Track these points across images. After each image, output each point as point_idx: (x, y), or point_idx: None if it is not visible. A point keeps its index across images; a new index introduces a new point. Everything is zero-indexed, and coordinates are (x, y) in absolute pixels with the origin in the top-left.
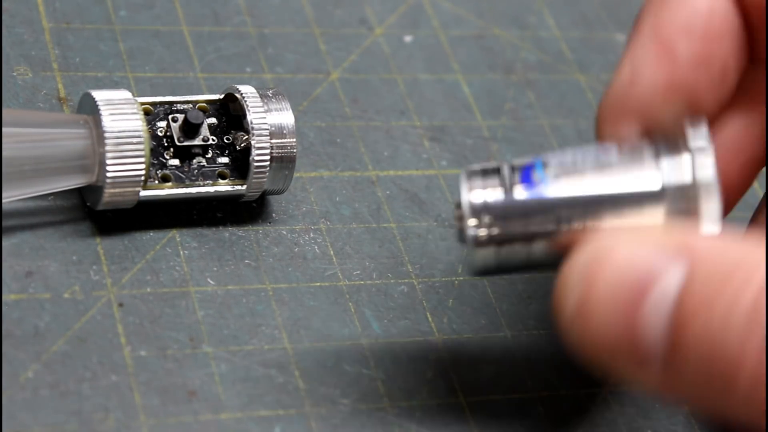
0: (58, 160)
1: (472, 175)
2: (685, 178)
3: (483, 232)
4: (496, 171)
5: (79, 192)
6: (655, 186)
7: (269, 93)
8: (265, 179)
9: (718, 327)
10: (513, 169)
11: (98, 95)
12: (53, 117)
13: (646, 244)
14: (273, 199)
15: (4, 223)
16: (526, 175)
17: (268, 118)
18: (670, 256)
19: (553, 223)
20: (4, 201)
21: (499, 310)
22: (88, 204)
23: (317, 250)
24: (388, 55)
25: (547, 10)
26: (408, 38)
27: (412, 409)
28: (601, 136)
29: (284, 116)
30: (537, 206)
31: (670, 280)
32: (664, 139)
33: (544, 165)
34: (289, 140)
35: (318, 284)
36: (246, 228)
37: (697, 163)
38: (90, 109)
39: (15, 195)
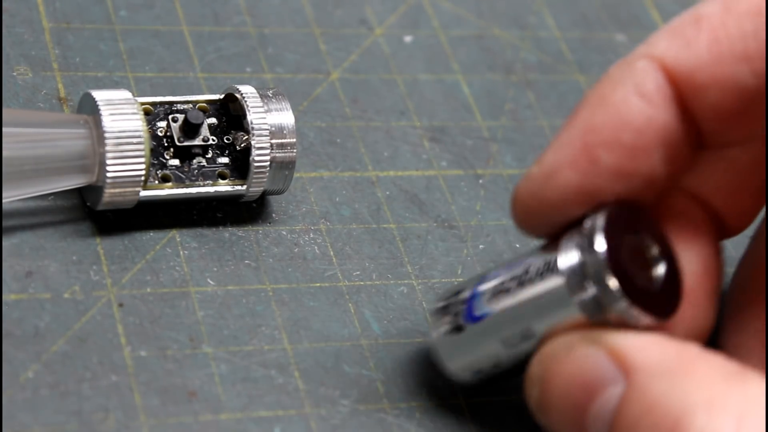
0: (58, 160)
1: (435, 314)
2: (573, 262)
3: (452, 366)
4: (446, 309)
5: (79, 192)
6: (560, 288)
7: (269, 93)
8: (265, 179)
9: None
10: (463, 302)
11: (98, 95)
12: (53, 117)
13: (597, 354)
14: (273, 200)
15: (4, 223)
16: (469, 310)
17: (268, 118)
18: (615, 370)
19: (498, 342)
20: (4, 201)
21: None
22: (88, 204)
23: (317, 251)
24: (388, 55)
25: (547, 10)
26: (408, 38)
27: (411, 410)
28: (517, 224)
29: (284, 116)
30: (481, 336)
31: (610, 395)
32: (575, 236)
33: (481, 294)
34: (289, 140)
35: (318, 285)
36: (246, 228)
37: (585, 252)
38: (90, 109)
39: (15, 195)
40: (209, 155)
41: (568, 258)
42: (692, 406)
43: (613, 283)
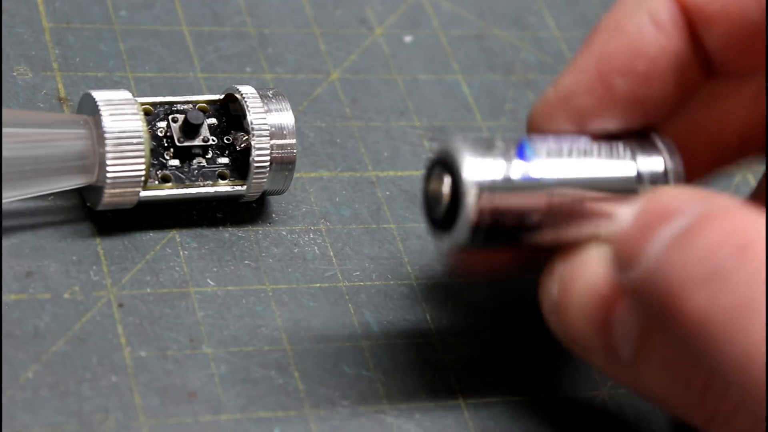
0: (58, 161)
1: (466, 146)
2: (658, 168)
3: (484, 207)
4: (491, 143)
5: (79, 192)
6: (631, 173)
7: (269, 93)
8: (265, 180)
9: (677, 263)
10: (506, 143)
11: (98, 95)
12: (53, 117)
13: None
14: (273, 200)
15: (4, 223)
16: (521, 151)
17: (268, 119)
18: (694, 204)
19: (545, 202)
20: (4, 201)
21: (498, 312)
22: (88, 204)
23: (317, 251)
24: (388, 55)
25: (547, 10)
26: (408, 38)
27: (411, 411)
28: (534, 130)
29: (284, 116)
30: (533, 184)
31: (680, 221)
32: (633, 139)
33: (531, 145)
34: (289, 140)
35: (318, 285)
36: (246, 228)
37: (667, 160)
38: (90, 109)
39: (15, 195)
40: (209, 155)
41: (652, 162)
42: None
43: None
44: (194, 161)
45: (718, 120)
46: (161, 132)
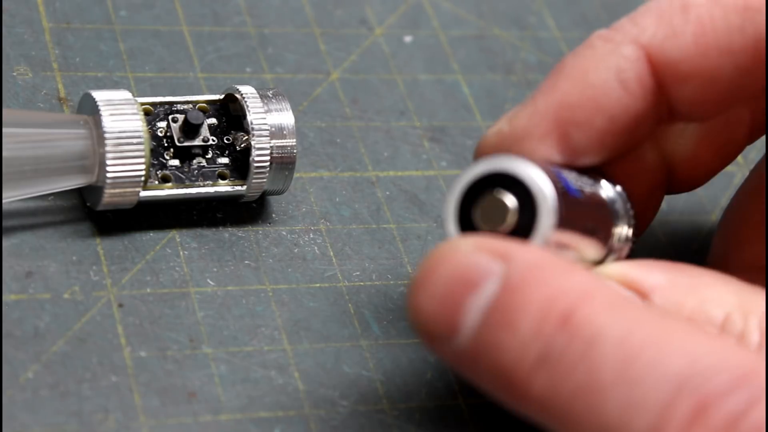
0: (58, 161)
1: (534, 166)
2: (623, 198)
3: (556, 230)
4: (546, 168)
5: (79, 192)
6: (611, 206)
7: (269, 93)
8: (265, 180)
9: (503, 344)
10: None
11: (98, 95)
12: (53, 117)
13: (482, 250)
14: (273, 200)
15: (4, 223)
16: (563, 177)
17: (268, 119)
18: (496, 266)
19: (587, 227)
20: (4, 201)
21: None
22: (88, 204)
23: (317, 251)
24: (388, 55)
25: (547, 10)
26: (408, 38)
27: (411, 411)
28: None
29: (284, 116)
30: (576, 210)
31: (488, 288)
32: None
33: (566, 174)
34: (289, 140)
35: (318, 285)
36: (246, 228)
37: (621, 192)
38: (90, 109)
39: (15, 195)
40: (209, 155)
41: (614, 195)
42: (730, 311)
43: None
44: (194, 161)
45: (667, 156)
46: (161, 132)
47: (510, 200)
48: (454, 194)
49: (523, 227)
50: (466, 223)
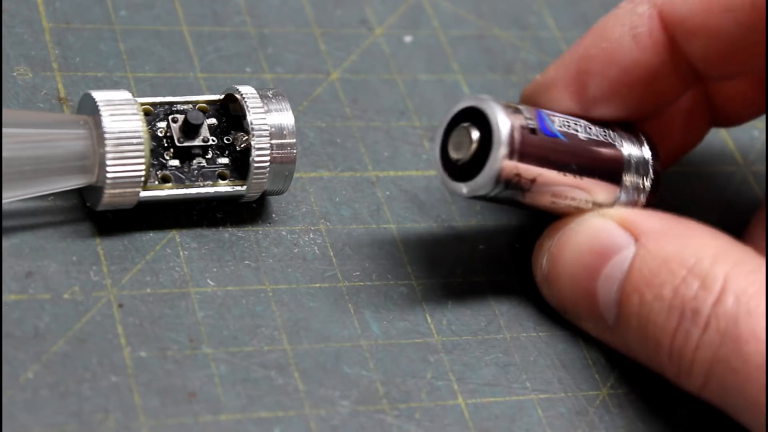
0: (58, 161)
1: (498, 104)
2: (645, 154)
3: (509, 161)
4: (516, 107)
5: (79, 192)
6: (622, 156)
7: (269, 93)
8: (265, 180)
9: (647, 308)
10: (528, 109)
11: (98, 95)
12: (53, 117)
13: (608, 222)
14: (273, 200)
15: (4, 223)
16: (540, 117)
17: (268, 119)
18: (626, 235)
19: (559, 167)
20: (4, 201)
21: (497, 311)
22: (88, 204)
23: (317, 251)
24: (388, 55)
25: (547, 10)
26: (408, 38)
27: (411, 411)
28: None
29: (284, 116)
30: (552, 148)
31: (623, 257)
32: (620, 128)
33: (547, 114)
34: (289, 140)
35: (318, 285)
36: (246, 229)
37: (647, 151)
38: (90, 109)
39: (15, 195)
40: (209, 156)
41: (635, 149)
42: (701, 257)
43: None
44: (194, 161)
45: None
46: (161, 132)
47: (474, 132)
48: (441, 128)
49: (484, 156)
50: (446, 155)
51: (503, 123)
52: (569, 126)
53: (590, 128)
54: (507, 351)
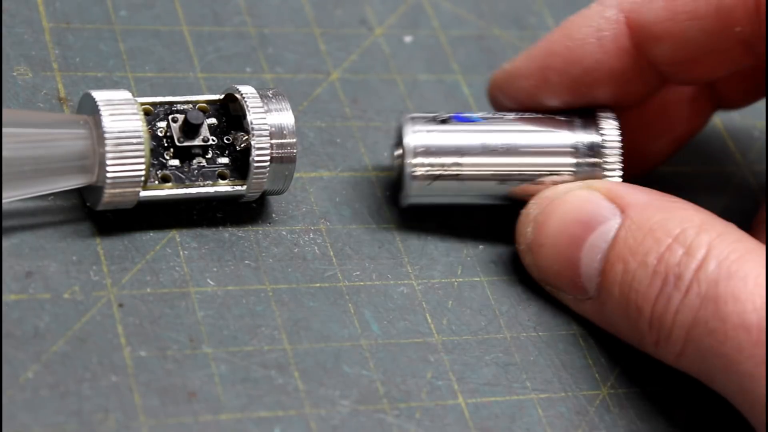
0: (58, 161)
1: (412, 120)
2: (594, 138)
3: (420, 170)
4: (432, 118)
5: (79, 192)
6: (569, 141)
7: (269, 93)
8: (265, 179)
9: (630, 275)
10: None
11: (98, 95)
12: (53, 117)
13: (594, 194)
14: (273, 200)
15: (4, 223)
16: (458, 115)
17: (268, 119)
18: (612, 207)
19: (480, 156)
20: (4, 201)
21: (498, 311)
22: (88, 204)
23: (317, 251)
24: (388, 55)
25: (547, 10)
26: (408, 38)
27: (411, 411)
28: (489, 99)
29: (284, 116)
30: (465, 142)
31: (608, 227)
32: (577, 114)
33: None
34: (289, 140)
35: (318, 285)
36: (246, 228)
37: (604, 127)
38: (90, 109)
39: (15, 195)
40: (209, 155)
41: (587, 135)
42: (687, 227)
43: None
44: (194, 161)
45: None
46: (161, 132)
47: (397, 150)
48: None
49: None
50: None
51: (407, 127)
52: (503, 117)
53: (532, 118)
54: (507, 351)
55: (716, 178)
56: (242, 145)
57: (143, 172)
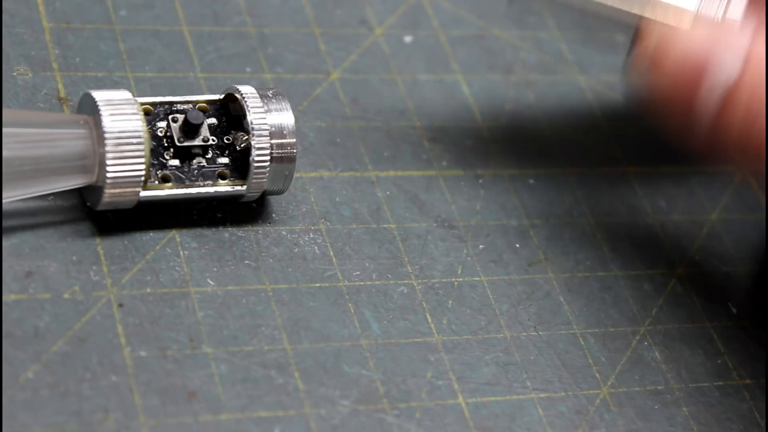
0: (58, 161)
1: None
2: None
3: None
4: None
5: (79, 192)
6: None
7: (269, 93)
8: (265, 179)
9: (756, 117)
10: None
11: (98, 95)
12: (53, 117)
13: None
14: (273, 200)
15: (4, 223)
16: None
17: (268, 119)
18: (735, 50)
19: None
20: (4, 201)
21: (498, 311)
22: (88, 204)
23: (317, 251)
24: (388, 55)
25: (547, 10)
26: (408, 38)
27: (411, 410)
28: None
29: (284, 116)
30: None
31: (727, 68)
32: None
33: None
34: (289, 140)
35: (318, 285)
36: (246, 228)
37: None
38: (90, 109)
39: (15, 195)
40: (209, 155)
41: None
42: None
43: None
44: (194, 161)
45: None
46: (161, 132)
47: None
48: None
49: None
50: None
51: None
52: None
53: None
54: (507, 350)
55: (716, 178)
56: (242, 145)
57: (143, 172)
